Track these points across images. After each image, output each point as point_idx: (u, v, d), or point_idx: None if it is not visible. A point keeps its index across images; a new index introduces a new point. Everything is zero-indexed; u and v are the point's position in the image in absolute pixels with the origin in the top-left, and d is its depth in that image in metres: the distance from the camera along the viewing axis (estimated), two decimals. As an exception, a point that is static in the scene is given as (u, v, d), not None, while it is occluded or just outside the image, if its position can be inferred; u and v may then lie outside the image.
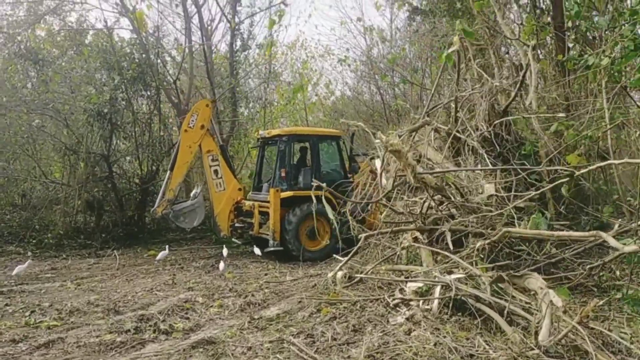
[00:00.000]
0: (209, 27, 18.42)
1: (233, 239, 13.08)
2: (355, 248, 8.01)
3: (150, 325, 6.09)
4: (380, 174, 9.12)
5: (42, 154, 16.24)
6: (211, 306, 7.12)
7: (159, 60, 16.36)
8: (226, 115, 17.22)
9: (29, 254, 11.71)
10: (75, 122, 14.78)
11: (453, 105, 9.22)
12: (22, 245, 13.18)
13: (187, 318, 6.57)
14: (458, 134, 8.84)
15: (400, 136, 8.71)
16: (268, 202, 11.71)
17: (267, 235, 11.65)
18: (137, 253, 12.98)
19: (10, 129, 14.89)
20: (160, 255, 10.87)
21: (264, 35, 18.73)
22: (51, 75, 14.94)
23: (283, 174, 12.02)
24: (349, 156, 12.98)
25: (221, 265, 9.81)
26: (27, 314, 6.94)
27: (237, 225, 12.45)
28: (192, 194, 12.87)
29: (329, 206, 9.44)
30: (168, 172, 12.37)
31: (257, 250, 11.28)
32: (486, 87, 9.03)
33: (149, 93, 15.99)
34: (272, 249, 11.50)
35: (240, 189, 12.62)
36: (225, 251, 11.00)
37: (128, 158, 16.47)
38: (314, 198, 10.00)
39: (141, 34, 15.91)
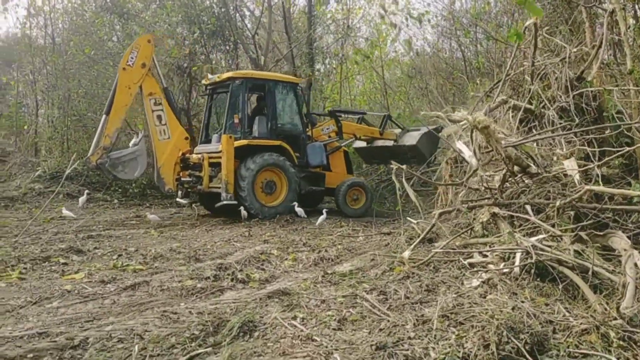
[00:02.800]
0: (289, -19, 18.26)
1: (177, 198, 11.99)
2: (430, 227, 7.54)
3: (228, 274, 6.29)
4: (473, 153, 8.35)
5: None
6: (285, 259, 7.26)
7: (237, 15, 16.46)
8: (303, 71, 17.20)
9: (115, 201, 12.33)
10: (157, 75, 15.19)
11: (528, 78, 8.66)
12: (109, 194, 13.91)
13: (263, 269, 6.74)
14: (530, 106, 8.28)
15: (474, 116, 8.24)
16: (219, 152, 10.66)
17: (219, 188, 10.66)
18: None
19: (98, 80, 15.56)
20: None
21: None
22: (135, 29, 15.38)
23: (236, 120, 11.08)
24: (306, 107, 12.24)
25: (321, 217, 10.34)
26: (114, 257, 7.35)
27: (183, 179, 11.33)
28: (132, 142, 11.56)
29: (409, 187, 7.83)
30: (104, 115, 11.00)
31: (244, 213, 10.57)
32: (567, 53, 8.36)
33: (227, 47, 16.20)
34: (224, 202, 10.58)
35: (187, 138, 11.45)
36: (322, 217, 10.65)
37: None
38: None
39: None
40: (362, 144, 13.88)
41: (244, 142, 10.79)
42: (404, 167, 7.51)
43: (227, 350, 3.89)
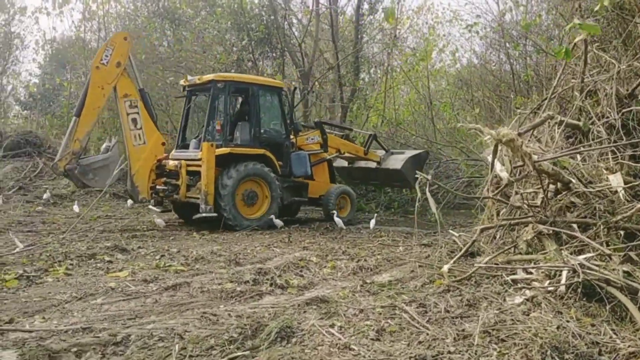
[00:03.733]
0: (337, -11, 18.37)
1: (150, 205, 11.35)
2: (471, 242, 7.46)
3: (267, 279, 6.32)
4: (492, 165, 8.17)
5: (174, 109, 17.24)
6: (324, 266, 7.26)
7: (285, 23, 16.63)
8: (347, 80, 17.24)
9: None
10: (205, 81, 15.49)
11: (577, 94, 8.42)
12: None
13: (302, 275, 6.75)
14: (577, 122, 8.01)
15: (521, 134, 8.04)
16: (198, 160, 9.98)
17: (197, 199, 9.99)
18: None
19: (148, 84, 15.94)
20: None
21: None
22: (185, 35, 15.74)
23: (218, 127, 10.38)
24: (290, 113, 11.65)
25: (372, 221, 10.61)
26: (157, 257, 7.49)
27: (158, 187, 10.53)
28: (103, 147, 10.94)
29: (431, 198, 7.29)
30: (74, 118, 10.17)
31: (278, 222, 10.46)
32: (616, 69, 8.06)
33: (274, 55, 16.37)
34: (203, 214, 9.90)
35: (163, 144, 10.62)
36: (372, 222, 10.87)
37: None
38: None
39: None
40: (344, 163, 13.48)
41: (226, 150, 10.16)
42: (429, 177, 7.35)
43: (265, 355, 3.90)
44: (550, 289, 5.25)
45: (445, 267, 6.45)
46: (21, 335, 4.28)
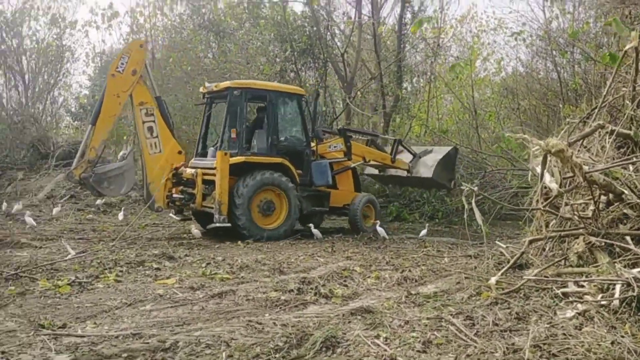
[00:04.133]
0: (380, 0, 18.41)
1: (171, 214, 11.36)
2: (519, 254, 7.29)
3: (311, 288, 6.34)
4: (541, 176, 7.88)
5: (218, 120, 17.50)
6: (368, 277, 7.22)
7: (328, 34, 16.73)
8: (390, 89, 17.19)
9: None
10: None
11: (628, 102, 8.15)
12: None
13: (345, 285, 6.73)
14: (628, 131, 7.74)
15: (571, 144, 7.83)
16: (214, 169, 9.85)
17: (212, 208, 9.88)
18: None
19: (193, 95, 16.28)
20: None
21: (434, 9, 18.34)
22: (230, 46, 16.01)
23: (234, 135, 10.17)
24: (312, 120, 11.21)
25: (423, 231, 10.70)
26: (203, 265, 7.61)
27: (175, 196, 10.42)
28: (120, 155, 10.80)
29: (477, 209, 6.99)
30: (89, 126, 10.19)
31: (317, 233, 10.35)
32: None
33: (316, 65, 16.48)
34: (217, 224, 9.76)
35: (180, 152, 10.42)
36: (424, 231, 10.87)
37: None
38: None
39: (313, 7, 16.36)
40: (374, 170, 13.24)
41: (241, 158, 9.98)
42: (475, 188, 7.18)
43: (310, 364, 3.90)
44: (603, 303, 5.08)
45: (493, 279, 6.32)
46: (74, 340, 4.42)
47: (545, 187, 7.24)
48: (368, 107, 18.22)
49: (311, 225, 10.62)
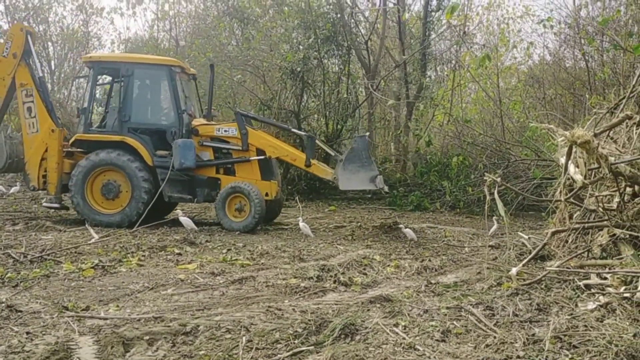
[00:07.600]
0: (405, -14, 18.18)
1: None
2: (542, 245, 7.09)
3: (330, 276, 6.36)
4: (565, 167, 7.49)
5: (241, 107, 17.58)
6: (388, 265, 7.21)
7: (352, 20, 16.60)
8: (414, 77, 17.03)
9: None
10: (272, 79, 15.72)
11: None
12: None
13: (365, 273, 6.74)
14: None
15: (597, 135, 7.66)
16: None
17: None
18: (319, 207, 13.62)
19: (216, 82, 16.32)
20: None
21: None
22: (253, 33, 15.99)
23: (77, 113, 9.98)
24: (188, 96, 10.35)
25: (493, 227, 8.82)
26: (224, 251, 7.69)
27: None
28: None
29: (499, 199, 6.71)
30: None
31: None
32: None
33: (340, 53, 16.38)
34: (46, 205, 9.60)
35: (53, 131, 9.93)
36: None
37: (316, 116, 17.14)
38: None
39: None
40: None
41: (77, 137, 9.78)
42: (497, 179, 7.07)
43: (329, 351, 3.92)
44: (626, 295, 5.01)
45: (514, 270, 6.27)
46: (97, 322, 4.51)
47: (570, 179, 7.13)
48: (392, 95, 18.07)
49: (179, 211, 9.85)
